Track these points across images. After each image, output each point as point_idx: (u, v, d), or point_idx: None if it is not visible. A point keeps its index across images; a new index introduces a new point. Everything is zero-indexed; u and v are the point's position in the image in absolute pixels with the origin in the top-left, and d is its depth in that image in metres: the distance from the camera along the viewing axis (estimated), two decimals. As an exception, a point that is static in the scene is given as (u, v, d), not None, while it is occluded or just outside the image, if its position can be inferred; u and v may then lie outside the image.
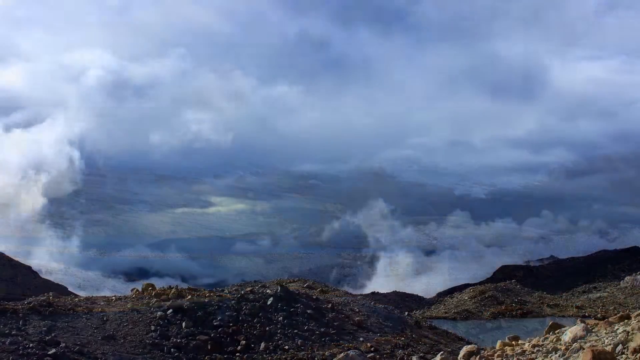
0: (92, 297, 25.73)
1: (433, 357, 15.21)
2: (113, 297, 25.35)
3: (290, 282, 34.71)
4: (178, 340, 21.48)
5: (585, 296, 60.62)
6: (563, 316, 48.17)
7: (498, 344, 12.39)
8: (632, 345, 8.68)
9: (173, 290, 25.09)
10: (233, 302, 24.90)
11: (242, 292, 26.31)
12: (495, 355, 11.46)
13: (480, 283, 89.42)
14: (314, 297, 29.10)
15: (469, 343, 28.20)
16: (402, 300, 64.94)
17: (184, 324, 22.57)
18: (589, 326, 11.05)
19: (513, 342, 12.18)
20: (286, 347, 22.48)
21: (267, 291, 26.85)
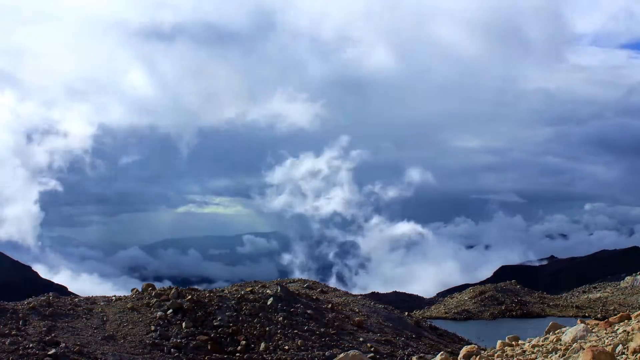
0: (92, 297, 25.69)
1: (433, 357, 15.18)
2: (113, 297, 25.33)
3: (290, 282, 34.66)
4: (178, 340, 21.47)
5: (585, 296, 60.57)
6: (563, 316, 48.16)
7: (498, 344, 12.38)
8: (632, 345, 8.67)
9: (173, 290, 25.07)
10: (233, 302, 24.89)
11: (242, 292, 26.29)
12: (495, 355, 11.45)
13: (480, 283, 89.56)
14: (314, 297, 29.09)
15: (469, 343, 28.19)
16: (402, 300, 64.96)
17: (184, 324, 22.56)
18: (589, 326, 11.04)
19: (513, 343, 12.17)
20: (286, 347, 22.47)
21: (267, 291, 26.83)
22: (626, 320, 10.87)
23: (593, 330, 10.79)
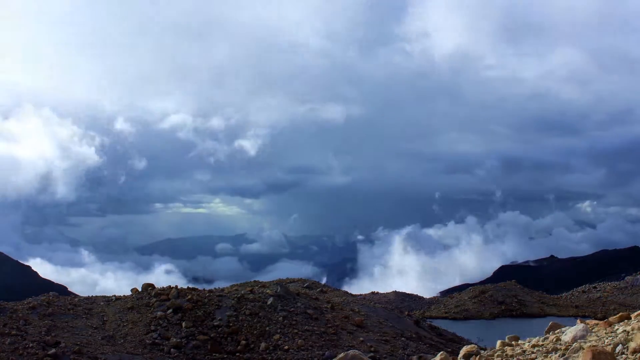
0: (92, 297, 25.69)
1: (433, 357, 15.18)
2: (113, 297, 25.33)
3: (290, 282, 34.66)
4: (178, 340, 21.47)
5: (585, 296, 60.53)
6: (563, 316, 48.11)
7: (498, 344, 12.37)
8: (632, 345, 8.66)
9: (173, 290, 25.06)
10: (233, 302, 24.89)
11: (242, 292, 26.29)
12: (495, 355, 11.43)
13: (480, 283, 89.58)
14: (314, 297, 29.07)
15: (469, 343, 28.17)
16: (402, 300, 64.89)
17: (183, 324, 22.56)
18: (589, 326, 11.03)
19: (513, 342, 12.16)
20: (286, 347, 22.46)
21: (267, 291, 26.82)
22: (626, 320, 10.86)
23: (593, 330, 10.78)
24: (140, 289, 25.92)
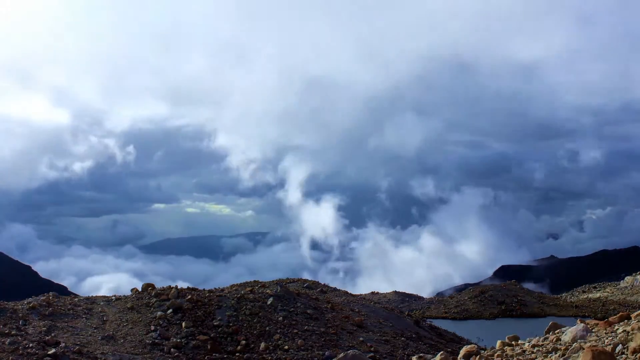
0: (92, 297, 25.69)
1: (433, 357, 15.18)
2: (113, 297, 25.33)
3: (289, 282, 34.67)
4: (178, 340, 21.47)
5: (585, 296, 60.53)
6: (563, 316, 48.12)
7: (498, 344, 12.38)
8: (632, 345, 8.67)
9: (173, 290, 25.07)
10: (233, 302, 24.90)
11: (242, 292, 26.29)
12: (495, 355, 11.44)
13: (481, 283, 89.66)
14: (314, 297, 29.08)
15: (469, 343, 28.18)
16: (402, 300, 64.91)
17: (183, 324, 22.56)
18: (589, 326, 11.04)
19: (513, 342, 12.17)
20: (286, 347, 22.47)
21: (267, 291, 26.84)
22: (626, 320, 10.87)
23: (593, 330, 10.79)
24: (140, 289, 25.92)
